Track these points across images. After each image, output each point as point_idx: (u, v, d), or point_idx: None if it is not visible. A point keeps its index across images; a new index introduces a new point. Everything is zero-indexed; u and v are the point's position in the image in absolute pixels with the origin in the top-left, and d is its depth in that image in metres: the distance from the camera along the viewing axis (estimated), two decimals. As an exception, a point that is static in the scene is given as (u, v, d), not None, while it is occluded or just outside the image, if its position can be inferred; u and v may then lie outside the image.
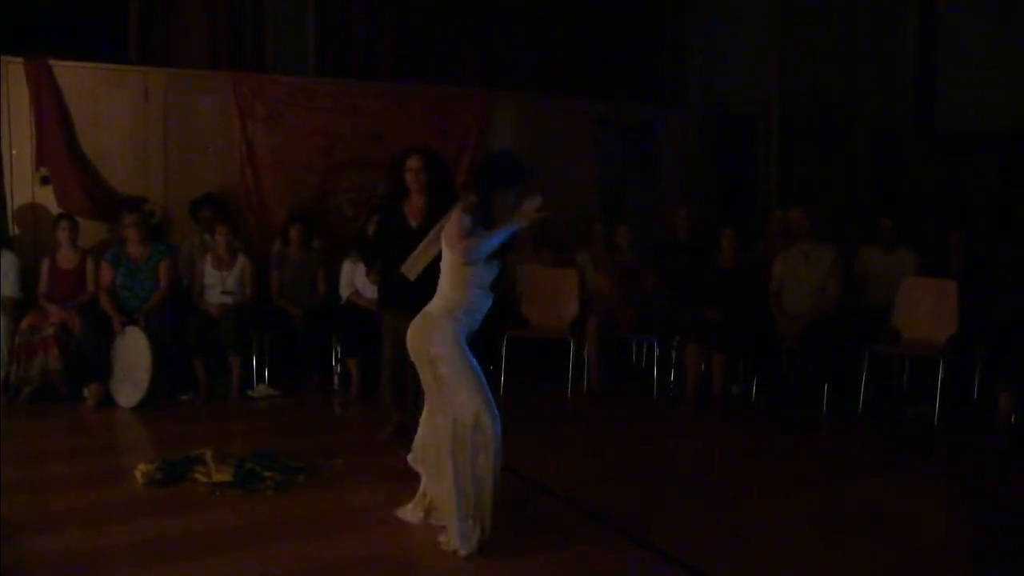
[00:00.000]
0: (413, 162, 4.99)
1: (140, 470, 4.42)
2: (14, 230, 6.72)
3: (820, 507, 4.30)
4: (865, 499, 4.45)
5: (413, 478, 4.01)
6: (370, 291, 6.14)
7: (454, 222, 3.57)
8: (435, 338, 3.60)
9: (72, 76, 6.80)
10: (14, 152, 6.68)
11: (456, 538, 3.56)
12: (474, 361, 3.63)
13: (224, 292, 6.46)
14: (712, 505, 4.30)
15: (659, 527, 3.90)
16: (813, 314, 6.26)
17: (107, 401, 5.97)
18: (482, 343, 3.90)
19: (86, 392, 6.02)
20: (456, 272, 3.63)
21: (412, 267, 4.02)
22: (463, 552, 3.54)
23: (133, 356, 5.95)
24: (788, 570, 3.51)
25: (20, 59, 6.62)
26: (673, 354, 6.72)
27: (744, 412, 6.20)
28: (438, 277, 3.69)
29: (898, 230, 6.69)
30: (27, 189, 6.73)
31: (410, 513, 3.94)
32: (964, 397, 6.12)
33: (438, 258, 3.77)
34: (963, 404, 6.03)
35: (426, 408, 3.81)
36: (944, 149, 8.05)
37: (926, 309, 6.12)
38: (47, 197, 6.75)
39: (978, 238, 6.85)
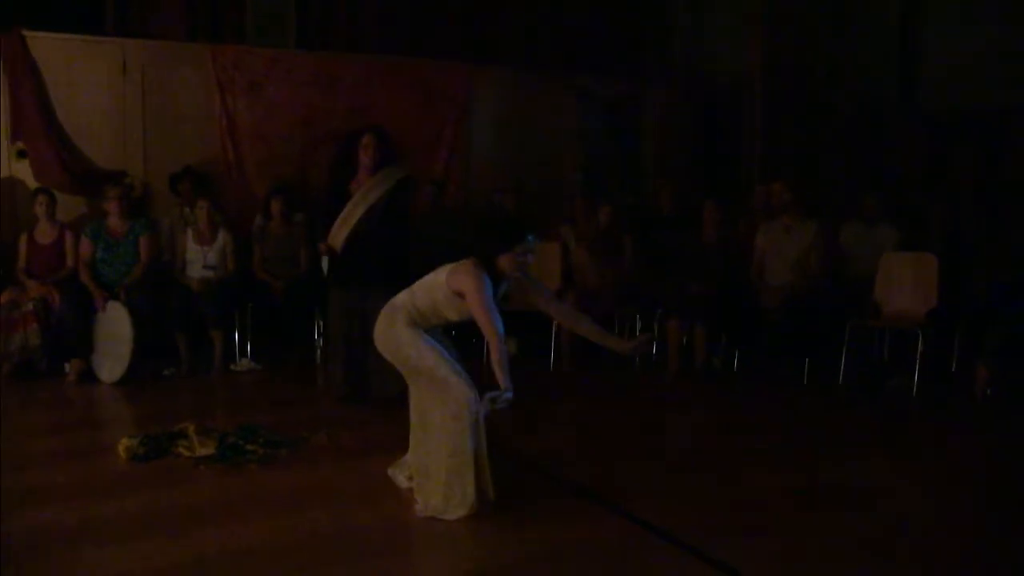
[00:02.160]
0: (368, 139, 5.22)
1: (123, 445, 4.41)
2: (-9, 204, 6.65)
3: (802, 478, 4.34)
4: (846, 470, 4.49)
5: (395, 449, 4.03)
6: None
7: (475, 281, 3.59)
8: (397, 326, 3.74)
9: (47, 48, 6.70)
10: (-10, 125, 6.61)
11: (441, 503, 3.62)
12: (432, 341, 3.74)
13: (206, 267, 6.43)
14: (695, 477, 4.33)
15: (643, 499, 3.92)
16: (794, 287, 6.29)
17: (88, 376, 5.95)
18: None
19: (67, 367, 5.99)
20: (434, 300, 3.72)
21: (336, 237, 4.00)
22: (450, 517, 3.60)
23: (114, 331, 5.92)
24: (771, 541, 3.55)
25: (-7, 30, 6.53)
26: (655, 328, 6.74)
27: (726, 385, 6.24)
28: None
29: (881, 206, 6.72)
30: (3, 163, 6.65)
31: (399, 474, 4.01)
32: (942, 369, 6.20)
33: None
34: (941, 376, 6.11)
35: (411, 390, 3.85)
36: (928, 125, 8.06)
37: (906, 283, 6.16)
38: (24, 171, 6.67)
39: (960, 213, 6.89)
